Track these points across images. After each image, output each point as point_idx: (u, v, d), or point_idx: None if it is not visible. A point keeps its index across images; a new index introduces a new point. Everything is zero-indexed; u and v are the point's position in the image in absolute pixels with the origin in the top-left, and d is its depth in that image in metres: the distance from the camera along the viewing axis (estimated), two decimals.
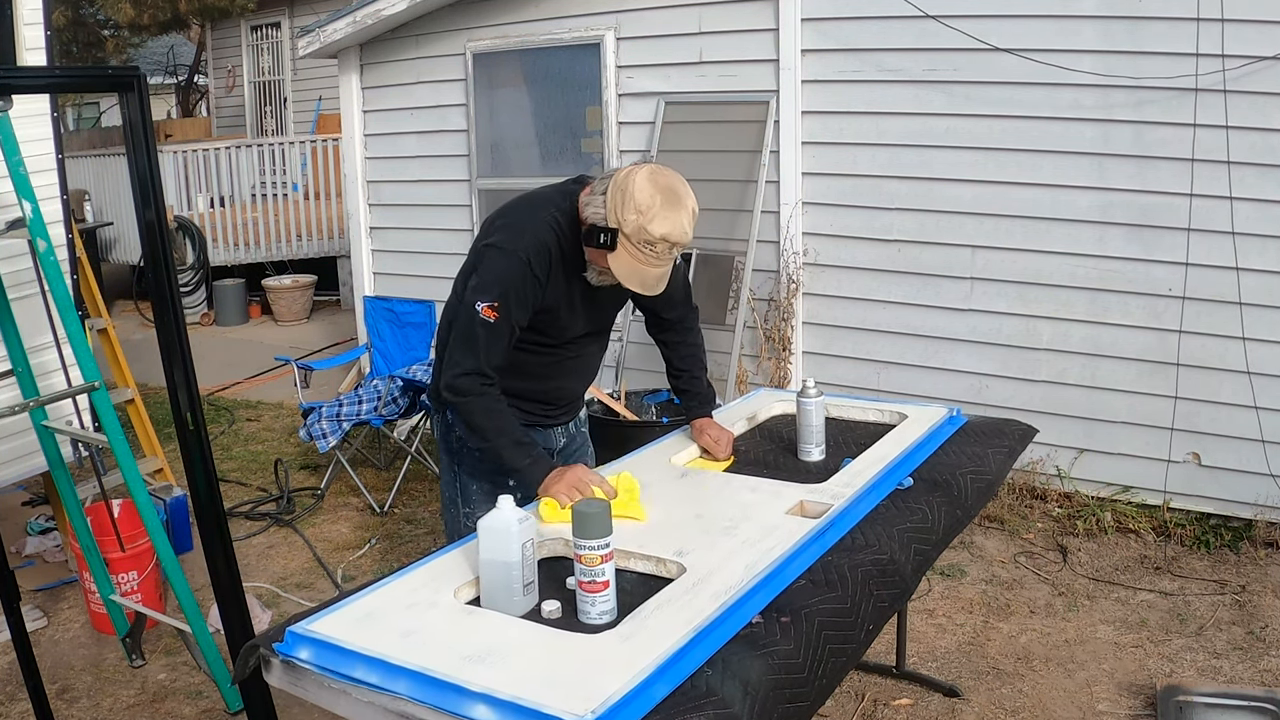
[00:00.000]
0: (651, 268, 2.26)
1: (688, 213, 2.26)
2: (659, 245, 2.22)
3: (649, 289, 2.30)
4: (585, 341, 2.59)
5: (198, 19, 14.48)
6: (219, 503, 2.59)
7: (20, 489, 5.13)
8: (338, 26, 5.86)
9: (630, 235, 2.22)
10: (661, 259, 2.25)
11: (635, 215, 2.21)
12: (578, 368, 2.65)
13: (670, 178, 2.28)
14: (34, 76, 3.22)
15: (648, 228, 2.21)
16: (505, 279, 2.33)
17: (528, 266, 2.33)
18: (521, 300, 2.35)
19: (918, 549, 2.20)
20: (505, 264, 2.34)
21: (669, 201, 2.22)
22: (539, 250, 2.35)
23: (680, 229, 2.23)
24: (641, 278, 2.27)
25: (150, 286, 2.50)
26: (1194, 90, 3.94)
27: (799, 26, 4.72)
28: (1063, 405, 4.41)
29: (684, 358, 2.81)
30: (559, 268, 2.38)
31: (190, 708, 3.31)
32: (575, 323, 2.50)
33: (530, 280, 2.34)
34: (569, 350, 2.57)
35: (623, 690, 1.53)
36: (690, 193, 2.29)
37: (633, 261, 2.25)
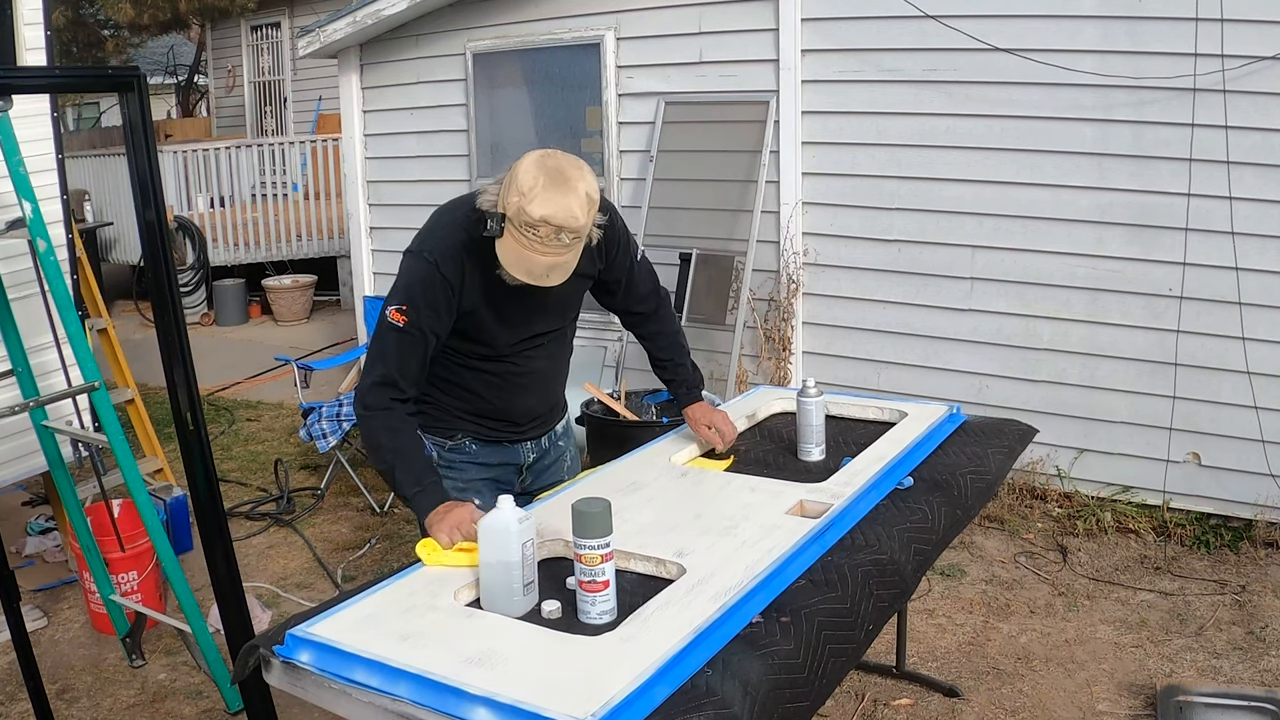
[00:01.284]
0: (537, 254, 2.11)
1: (577, 197, 2.09)
2: (542, 229, 2.07)
3: (535, 278, 2.14)
4: (532, 353, 2.44)
5: (198, 19, 14.48)
6: (219, 503, 2.59)
7: (20, 489, 5.12)
8: (338, 26, 5.86)
9: (513, 218, 2.10)
10: (547, 244, 2.09)
11: (517, 197, 2.08)
12: (531, 383, 2.49)
13: (562, 161, 2.14)
14: (34, 76, 3.22)
15: (527, 209, 2.06)
16: (413, 283, 2.24)
17: (435, 269, 2.22)
18: (432, 304, 2.23)
19: (918, 549, 2.20)
20: (413, 267, 2.25)
21: (553, 183, 2.08)
22: (447, 251, 2.24)
23: (565, 211, 2.07)
24: (527, 266, 2.12)
25: (150, 286, 2.50)
26: (1193, 90, 3.94)
27: (799, 26, 4.72)
28: (1062, 405, 4.42)
29: (664, 347, 2.73)
30: (475, 268, 2.25)
31: (190, 708, 3.31)
32: (507, 328, 2.36)
33: (439, 283, 2.22)
34: (515, 364, 2.43)
35: (624, 692, 1.53)
36: (585, 178, 2.13)
37: (517, 247, 2.11)
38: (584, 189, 2.11)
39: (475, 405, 2.45)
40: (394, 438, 2.24)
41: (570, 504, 1.83)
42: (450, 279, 2.23)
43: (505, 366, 2.41)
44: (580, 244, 2.16)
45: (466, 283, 2.25)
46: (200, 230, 9.66)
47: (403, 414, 2.26)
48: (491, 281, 2.25)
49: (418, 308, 2.22)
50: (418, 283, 2.23)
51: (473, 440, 2.50)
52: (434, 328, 2.25)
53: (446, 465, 2.47)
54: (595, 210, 2.15)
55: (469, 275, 2.25)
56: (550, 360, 2.52)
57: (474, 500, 2.29)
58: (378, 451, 2.26)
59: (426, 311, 2.23)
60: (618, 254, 2.50)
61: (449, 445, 2.49)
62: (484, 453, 2.52)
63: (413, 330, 2.22)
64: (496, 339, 2.36)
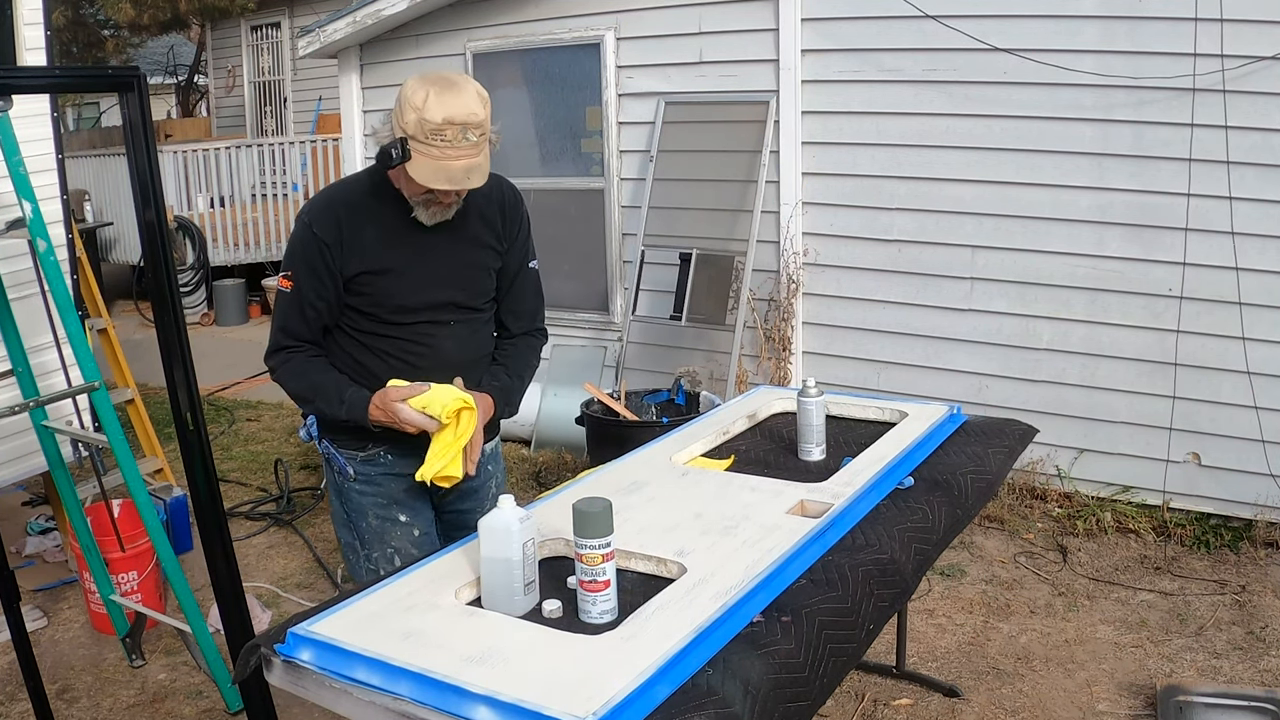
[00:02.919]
0: (451, 161, 2.11)
1: (469, 94, 2.12)
2: (447, 131, 2.08)
3: (457, 182, 2.14)
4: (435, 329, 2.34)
5: (198, 19, 14.49)
6: (219, 503, 2.59)
7: (20, 489, 5.12)
8: (338, 26, 5.86)
9: (415, 134, 2.09)
10: (457, 146, 2.10)
11: (413, 112, 2.09)
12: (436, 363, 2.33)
13: (443, 70, 2.20)
14: (34, 76, 3.22)
15: (426, 115, 2.07)
16: (293, 248, 2.28)
17: (309, 228, 2.24)
18: (310, 265, 2.24)
19: (918, 549, 2.20)
20: (296, 231, 2.28)
21: (444, 88, 2.10)
22: (321, 210, 2.25)
23: (465, 108, 2.09)
24: (446, 173, 2.12)
25: (150, 286, 2.50)
26: (1193, 90, 3.94)
27: (799, 26, 4.73)
28: (1062, 405, 4.42)
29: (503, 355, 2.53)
30: (360, 219, 2.24)
31: (190, 708, 3.31)
32: (410, 285, 2.29)
33: (312, 242, 2.23)
34: (418, 340, 2.33)
35: (625, 691, 1.53)
36: (471, 79, 2.18)
37: (429, 161, 2.11)
38: (473, 88, 2.13)
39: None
40: (302, 379, 2.30)
41: (571, 504, 1.83)
42: (323, 236, 2.22)
43: (407, 344, 2.33)
44: (486, 144, 2.16)
45: (347, 237, 2.23)
46: (200, 230, 9.66)
47: (303, 358, 2.30)
48: (387, 232, 2.25)
49: (298, 270, 2.25)
50: (296, 246, 2.27)
51: (387, 450, 2.39)
52: (316, 289, 2.25)
53: (365, 480, 2.39)
54: (489, 106, 2.15)
55: (348, 229, 2.23)
56: (458, 343, 2.39)
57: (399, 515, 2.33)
58: (297, 398, 2.34)
59: (305, 273, 2.25)
60: (518, 238, 2.45)
61: (361, 457, 2.40)
62: (401, 463, 2.40)
63: (294, 295, 2.26)
64: (401, 296, 2.29)
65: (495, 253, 2.40)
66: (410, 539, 2.39)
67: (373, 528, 2.40)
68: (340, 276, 2.25)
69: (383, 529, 2.38)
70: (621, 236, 5.46)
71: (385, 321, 2.31)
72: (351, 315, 2.32)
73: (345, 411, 2.25)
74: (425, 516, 2.44)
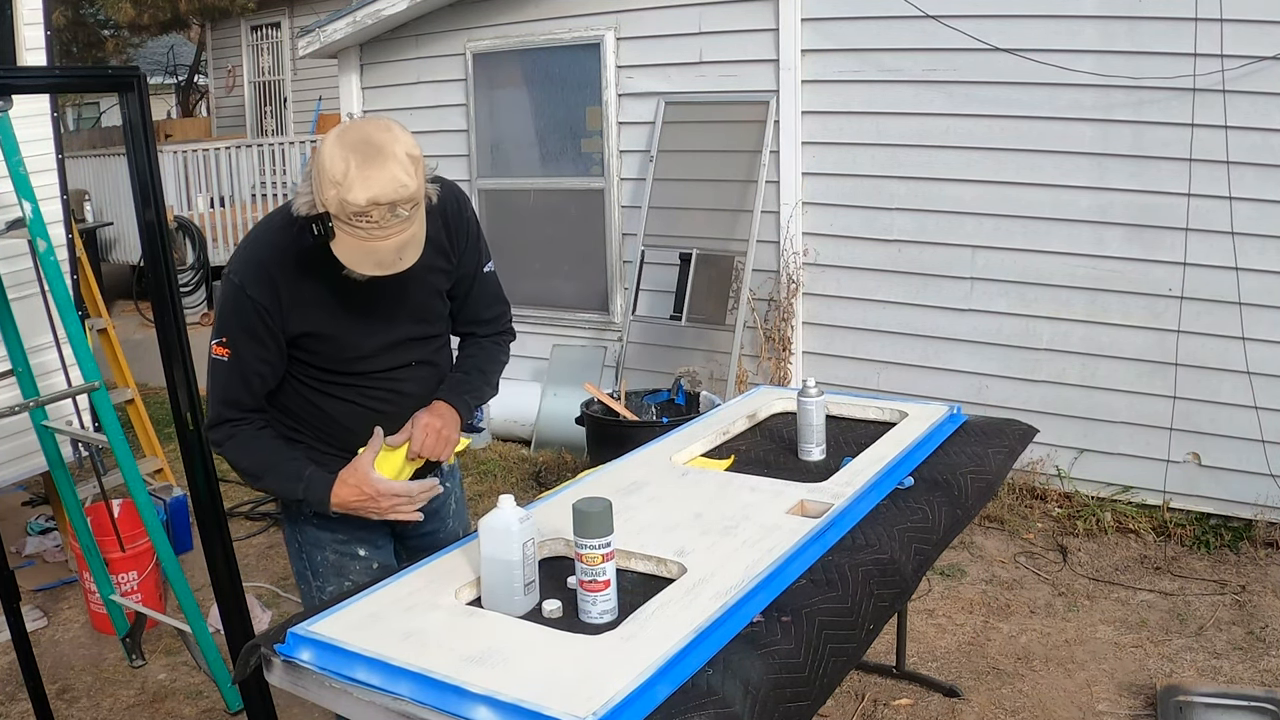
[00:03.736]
0: (379, 241, 1.85)
1: (397, 161, 1.82)
2: (373, 212, 1.81)
3: (388, 267, 1.89)
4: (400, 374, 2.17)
5: (198, 19, 14.49)
6: (219, 503, 2.59)
7: (20, 489, 5.12)
8: (338, 26, 5.86)
9: (338, 214, 1.82)
10: (386, 227, 1.84)
11: (333, 189, 1.81)
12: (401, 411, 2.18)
13: (367, 129, 1.86)
14: (34, 76, 3.22)
15: (347, 198, 1.80)
16: (225, 311, 2.02)
17: (242, 291, 1.99)
18: (248, 330, 2.01)
19: (918, 549, 2.20)
20: (224, 292, 2.03)
21: (366, 159, 1.81)
22: (252, 271, 2.00)
23: (392, 184, 1.81)
24: (375, 257, 1.86)
25: (150, 286, 2.50)
26: (1192, 90, 3.94)
27: (799, 26, 4.73)
28: (1062, 405, 4.42)
29: (465, 355, 2.34)
30: (296, 280, 2.00)
31: (190, 708, 3.31)
32: (365, 335, 2.10)
33: (248, 307, 1.99)
34: (382, 389, 2.16)
35: (625, 691, 1.53)
36: (399, 138, 1.86)
37: (355, 242, 1.85)
38: (401, 150, 1.84)
39: (345, 441, 2.16)
40: (251, 456, 2.09)
41: (571, 504, 1.83)
42: (260, 300, 1.99)
43: (370, 390, 2.15)
44: (421, 210, 1.91)
45: (286, 299, 2.00)
46: (200, 230, 9.66)
47: (250, 432, 2.09)
48: (327, 287, 2.01)
49: (235, 337, 2.02)
50: (230, 310, 2.02)
51: None
52: (258, 354, 2.03)
53: (322, 516, 2.18)
54: (422, 166, 1.89)
55: (286, 291, 2.00)
56: (420, 384, 2.22)
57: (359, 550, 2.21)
58: (247, 476, 2.15)
59: (243, 339, 2.02)
60: (467, 246, 2.21)
61: None
62: None
63: (234, 362, 2.03)
64: (355, 350, 2.10)
65: (445, 273, 2.19)
66: (369, 572, 2.24)
67: (330, 561, 2.25)
68: (282, 336, 2.04)
69: (341, 563, 2.24)
70: (621, 236, 5.46)
71: (344, 373, 2.13)
72: (304, 367, 2.12)
73: (303, 491, 2.07)
74: (385, 549, 2.31)
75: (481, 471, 5.26)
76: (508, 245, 5.87)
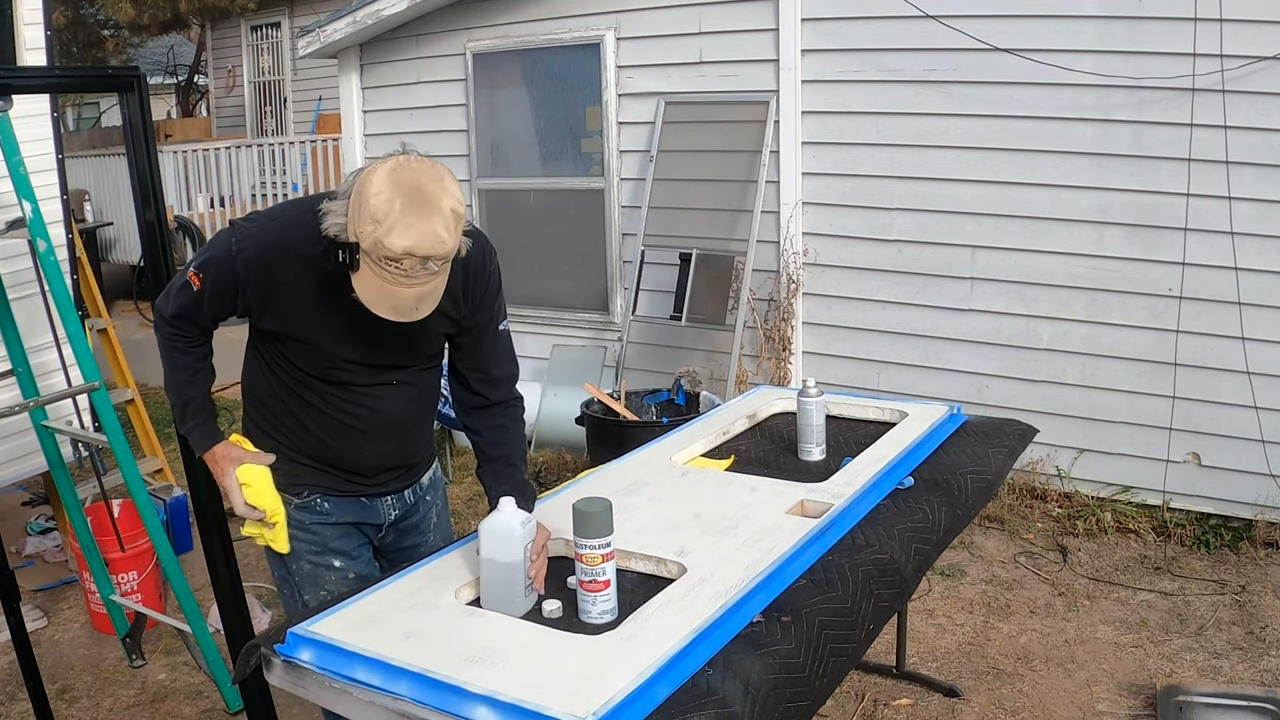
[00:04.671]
0: (403, 288, 1.81)
1: (442, 216, 1.78)
2: (405, 261, 1.77)
3: (403, 315, 1.85)
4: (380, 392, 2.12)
5: (198, 19, 14.49)
6: (219, 503, 2.59)
7: (20, 489, 5.12)
8: (338, 26, 5.86)
9: (369, 251, 1.79)
10: (413, 277, 1.80)
11: (372, 226, 1.76)
12: (378, 428, 2.14)
13: (419, 172, 1.81)
14: (34, 76, 3.23)
15: (385, 241, 1.76)
16: (212, 258, 2.02)
17: (235, 259, 1.98)
18: (220, 290, 2.02)
19: (918, 549, 2.20)
20: (220, 246, 2.01)
21: (412, 205, 1.76)
22: (255, 248, 1.98)
23: (431, 238, 1.77)
24: (393, 302, 1.83)
25: (150, 286, 2.50)
26: (1192, 90, 3.94)
27: (799, 26, 4.72)
28: (1062, 405, 4.42)
29: (497, 442, 2.22)
30: (298, 276, 1.98)
31: (190, 708, 3.31)
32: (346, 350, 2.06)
33: (231, 273, 1.99)
34: (359, 403, 2.12)
35: (625, 691, 1.54)
36: (449, 190, 1.82)
37: (379, 283, 1.81)
38: (449, 205, 1.80)
39: (318, 450, 2.15)
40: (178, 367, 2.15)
41: (571, 504, 1.83)
42: (245, 278, 1.99)
43: (345, 403, 2.11)
44: (448, 267, 1.87)
45: (275, 288, 1.99)
46: (200, 230, 9.66)
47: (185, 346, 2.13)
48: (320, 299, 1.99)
49: (209, 278, 2.02)
50: (215, 258, 2.01)
51: (323, 496, 2.18)
52: (219, 305, 2.05)
53: (297, 526, 2.18)
54: (462, 222, 1.85)
55: (278, 287, 1.99)
56: (401, 404, 2.17)
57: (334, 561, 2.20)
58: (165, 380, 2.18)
59: (212, 287, 2.02)
60: (484, 300, 2.15)
61: (296, 504, 2.18)
62: (338, 510, 2.21)
63: (200, 295, 2.03)
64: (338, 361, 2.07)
65: (451, 320, 2.11)
66: (345, 583, 2.19)
67: (305, 571, 2.22)
68: (247, 312, 2.05)
69: (316, 574, 2.21)
70: (621, 236, 5.46)
71: (322, 380, 2.10)
72: (286, 364, 2.10)
73: (186, 431, 2.12)
74: (362, 559, 2.27)
75: None
76: (508, 245, 5.87)
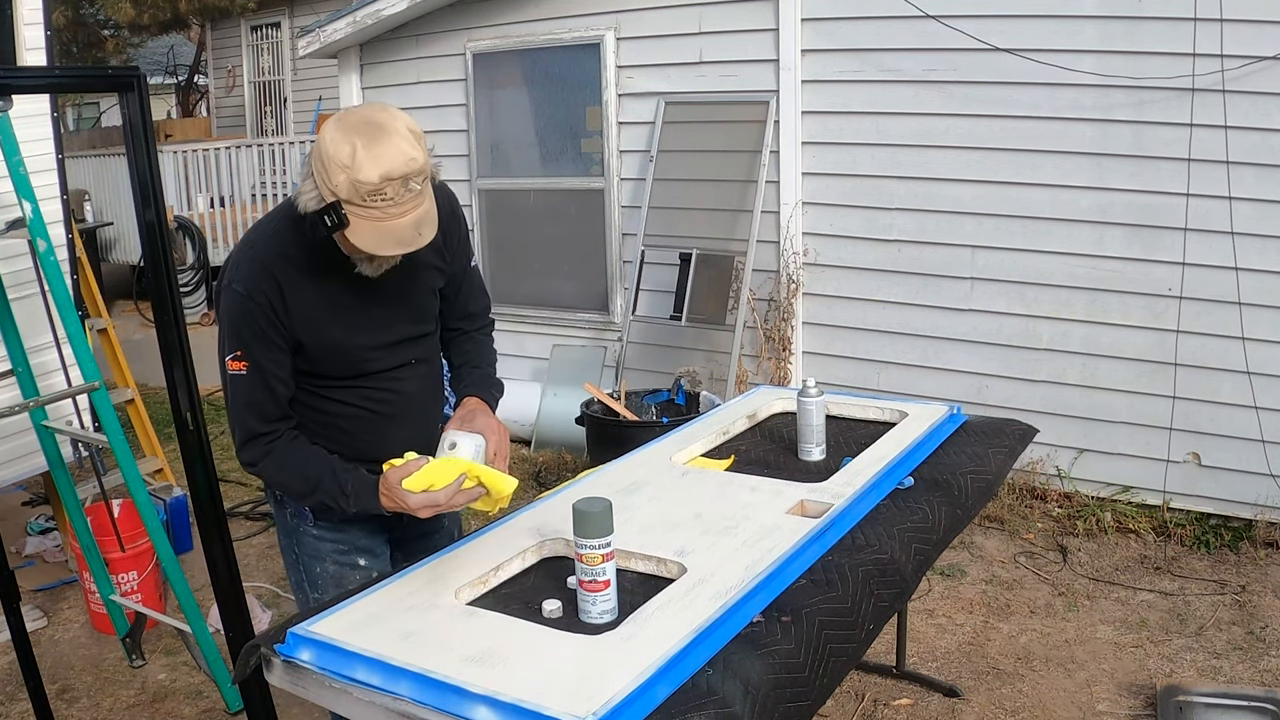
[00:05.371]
0: (396, 219, 1.84)
1: (401, 136, 1.83)
2: (388, 188, 1.80)
3: (409, 243, 1.87)
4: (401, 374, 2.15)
5: (198, 19, 14.49)
6: (219, 503, 2.59)
7: (20, 489, 5.12)
8: (338, 26, 5.86)
9: (350, 197, 1.81)
10: (401, 203, 1.83)
11: (342, 173, 1.80)
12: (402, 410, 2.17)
13: (362, 110, 1.88)
14: (34, 76, 3.22)
15: (359, 177, 1.79)
16: (234, 321, 1.99)
17: (248, 299, 1.97)
18: (260, 335, 1.98)
19: (918, 549, 2.20)
20: (229, 304, 1.99)
21: (371, 137, 1.80)
22: (254, 274, 1.97)
23: (401, 157, 1.81)
24: (396, 236, 1.85)
25: (150, 286, 2.50)
26: (1192, 90, 3.94)
27: (799, 26, 4.73)
28: (1062, 405, 4.42)
29: (464, 353, 2.32)
30: (298, 278, 1.99)
31: (190, 708, 3.31)
32: (368, 336, 2.08)
33: (257, 310, 1.97)
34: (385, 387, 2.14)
35: (625, 691, 1.54)
36: (396, 115, 1.87)
37: (372, 224, 1.83)
38: (402, 125, 1.85)
39: (348, 446, 2.13)
40: (292, 473, 2.05)
41: (571, 504, 1.83)
42: (267, 302, 1.97)
43: (373, 391, 2.13)
44: (429, 185, 1.90)
45: (290, 298, 1.99)
46: (200, 230, 9.66)
47: (284, 446, 2.05)
48: (329, 291, 2.01)
49: (249, 346, 1.99)
50: (238, 319, 1.99)
51: None
52: (273, 359, 2.00)
53: (326, 526, 2.20)
54: (424, 141, 1.89)
55: (290, 290, 1.99)
56: (422, 381, 2.22)
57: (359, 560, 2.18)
58: (293, 493, 2.11)
59: (257, 346, 1.99)
60: (459, 244, 2.23)
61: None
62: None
63: (254, 373, 2.00)
64: (357, 354, 2.09)
65: (440, 271, 2.19)
66: (368, 582, 2.17)
67: (329, 573, 2.23)
68: (291, 337, 2.02)
69: (340, 574, 2.22)
70: (621, 236, 5.46)
71: (345, 376, 2.11)
72: (304, 376, 2.09)
73: (353, 504, 2.01)
74: (383, 558, 2.29)
75: None
76: (508, 245, 5.88)
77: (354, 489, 2.01)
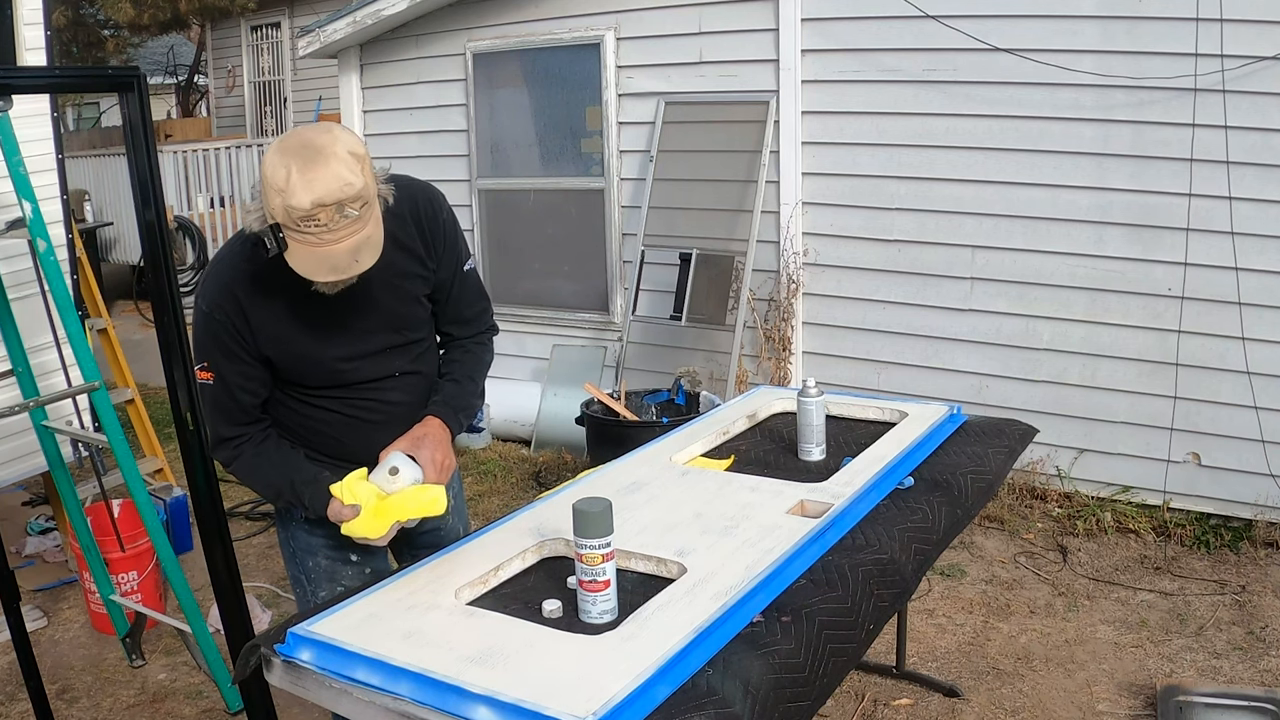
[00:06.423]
0: (331, 245, 1.81)
1: (339, 159, 1.79)
2: (320, 215, 1.77)
3: (344, 270, 1.84)
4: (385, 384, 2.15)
5: (198, 19, 14.49)
6: (219, 503, 2.58)
7: (20, 489, 5.12)
8: (338, 26, 5.86)
9: (285, 222, 1.79)
10: (335, 229, 1.79)
11: (278, 197, 1.78)
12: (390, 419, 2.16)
13: (305, 133, 1.84)
14: (34, 76, 3.22)
15: (291, 203, 1.76)
16: (199, 336, 2.05)
17: (210, 316, 2.01)
18: (224, 350, 2.02)
19: (918, 549, 2.19)
20: (195, 319, 2.06)
21: (306, 161, 1.78)
22: (217, 291, 2.01)
23: (334, 182, 1.77)
24: (330, 262, 1.82)
25: (150, 286, 2.50)
26: (1193, 90, 3.94)
27: (799, 26, 4.73)
28: (1062, 405, 4.42)
29: (450, 361, 2.30)
30: (263, 296, 1.99)
31: (190, 708, 3.31)
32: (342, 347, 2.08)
33: (220, 326, 2.00)
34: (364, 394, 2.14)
35: (624, 691, 1.53)
36: (340, 138, 1.83)
37: (306, 250, 1.81)
38: (343, 149, 1.81)
39: (336, 449, 2.17)
40: (259, 478, 2.13)
41: (571, 504, 1.83)
42: (229, 318, 2.00)
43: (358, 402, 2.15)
44: (372, 209, 1.86)
45: (252, 316, 2.01)
46: (200, 230, 9.66)
47: (252, 448, 2.11)
48: (296, 305, 2.00)
49: (213, 358, 2.04)
50: (203, 334, 2.04)
51: None
52: (240, 371, 2.04)
53: (316, 522, 2.20)
54: (368, 164, 1.86)
55: (254, 312, 2.00)
56: (408, 393, 2.20)
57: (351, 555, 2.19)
58: (261, 491, 2.20)
59: (222, 361, 2.03)
60: (445, 249, 2.17)
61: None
62: None
63: (219, 382, 2.05)
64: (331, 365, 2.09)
65: (422, 279, 2.15)
66: (361, 578, 2.22)
67: (322, 567, 2.25)
68: (258, 351, 2.05)
69: (333, 569, 2.24)
70: (621, 236, 5.46)
71: (326, 386, 2.12)
72: (286, 384, 2.12)
73: (313, 515, 2.10)
74: (379, 554, 2.29)
75: (481, 471, 5.26)
76: (508, 245, 5.87)
77: (311, 502, 2.07)
